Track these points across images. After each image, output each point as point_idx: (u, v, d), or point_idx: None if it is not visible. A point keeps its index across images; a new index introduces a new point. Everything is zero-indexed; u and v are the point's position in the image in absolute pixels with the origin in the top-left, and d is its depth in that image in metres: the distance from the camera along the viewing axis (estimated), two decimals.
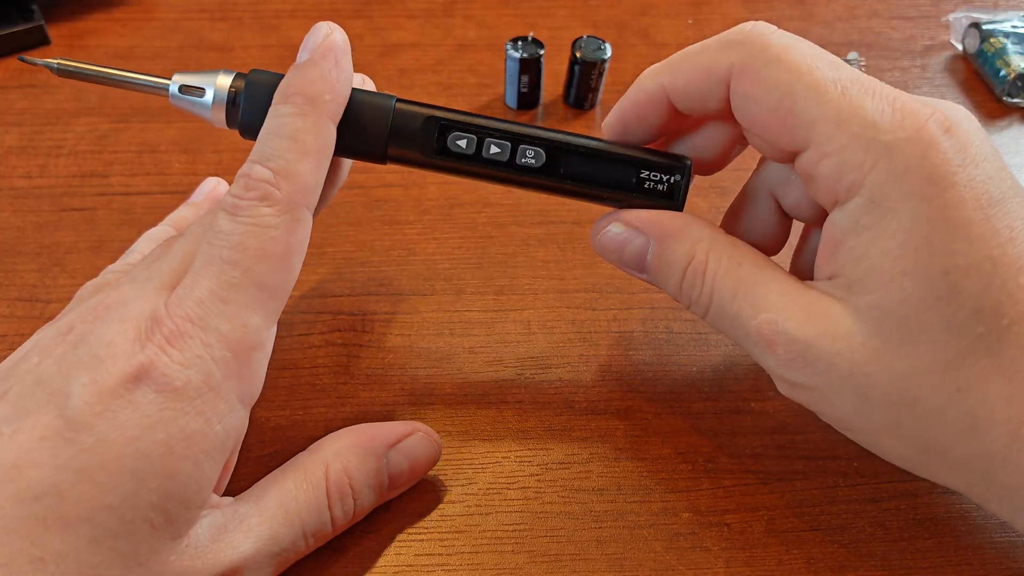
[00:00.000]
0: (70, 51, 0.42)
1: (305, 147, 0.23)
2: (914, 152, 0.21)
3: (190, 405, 0.21)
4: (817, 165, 0.22)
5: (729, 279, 0.24)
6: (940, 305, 0.21)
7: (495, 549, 0.26)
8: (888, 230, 0.21)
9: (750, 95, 0.23)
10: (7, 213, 0.35)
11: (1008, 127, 0.41)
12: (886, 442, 0.23)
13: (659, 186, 0.26)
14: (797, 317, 0.23)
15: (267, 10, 0.45)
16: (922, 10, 0.47)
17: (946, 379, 0.21)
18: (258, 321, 0.22)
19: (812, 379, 0.23)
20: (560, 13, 0.46)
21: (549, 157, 0.26)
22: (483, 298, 0.33)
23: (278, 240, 0.22)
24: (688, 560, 0.26)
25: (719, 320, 0.25)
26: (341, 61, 0.24)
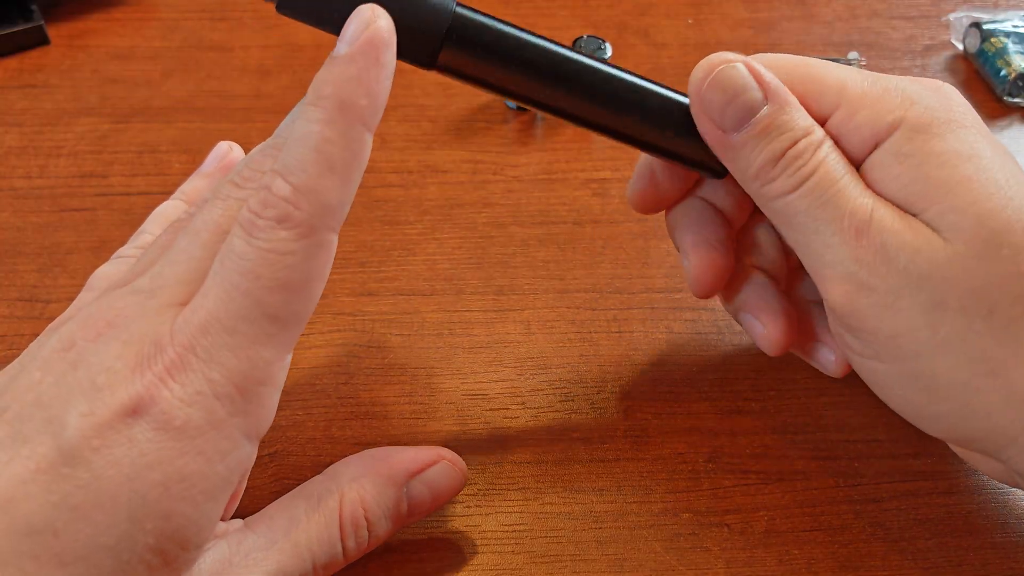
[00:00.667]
0: (70, 51, 0.42)
1: (331, 161, 0.20)
2: (941, 99, 0.23)
3: (190, 444, 0.19)
4: (852, 118, 0.23)
5: (840, 162, 0.23)
6: (1014, 205, 0.21)
7: (495, 549, 0.26)
8: (936, 148, 0.22)
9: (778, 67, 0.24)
10: (7, 213, 0.35)
11: (1008, 127, 0.41)
12: (948, 362, 0.22)
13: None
14: (892, 212, 0.22)
15: (267, 10, 0.45)
16: (922, 10, 0.47)
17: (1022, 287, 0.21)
18: (268, 355, 0.20)
19: (887, 279, 0.22)
20: (560, 13, 0.46)
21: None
22: (483, 298, 0.33)
23: (295, 268, 0.20)
24: (688, 560, 0.26)
25: (812, 194, 0.23)
26: (383, 56, 0.21)
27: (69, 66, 0.41)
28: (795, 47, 0.45)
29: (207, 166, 0.30)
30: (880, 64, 0.44)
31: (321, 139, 0.20)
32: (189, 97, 0.40)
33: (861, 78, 0.24)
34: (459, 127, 0.40)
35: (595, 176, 0.38)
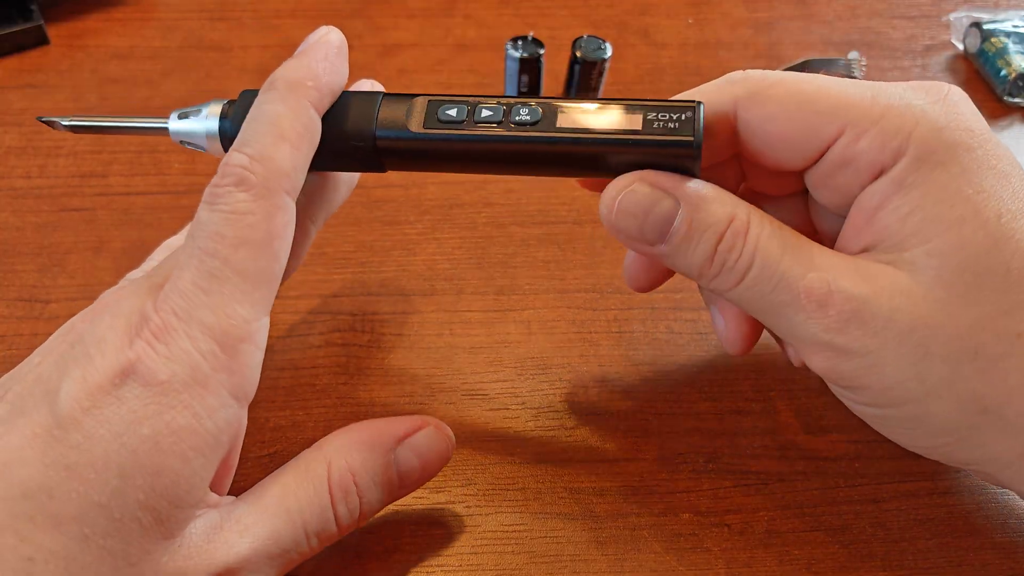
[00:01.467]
0: (69, 51, 0.42)
1: (282, 131, 0.22)
2: (947, 111, 0.22)
3: (176, 399, 0.20)
4: (856, 143, 0.22)
5: (775, 240, 0.23)
6: (998, 249, 0.21)
7: (495, 549, 0.26)
8: (940, 181, 0.21)
9: (767, 114, 0.23)
10: (7, 213, 0.35)
11: (1009, 127, 0.41)
12: (940, 406, 0.22)
13: (670, 123, 0.23)
14: (851, 276, 0.22)
15: (267, 10, 0.45)
16: (923, 10, 0.47)
17: (1009, 325, 0.21)
18: (244, 311, 0.21)
19: (865, 341, 0.22)
20: (560, 13, 0.46)
21: (545, 112, 0.23)
22: (483, 298, 0.33)
23: (256, 226, 0.21)
24: (688, 561, 0.26)
25: (759, 284, 0.23)
26: (330, 56, 0.24)
27: (69, 66, 0.41)
28: (795, 47, 0.45)
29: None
30: (880, 63, 0.44)
31: (272, 113, 0.23)
32: (189, 97, 0.40)
33: (861, 95, 0.23)
34: None
35: None
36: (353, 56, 0.25)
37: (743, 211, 0.23)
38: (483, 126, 0.23)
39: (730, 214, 0.23)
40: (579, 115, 0.23)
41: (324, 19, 0.45)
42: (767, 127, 0.23)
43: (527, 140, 0.23)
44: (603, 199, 0.24)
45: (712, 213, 0.23)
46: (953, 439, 0.22)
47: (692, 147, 0.22)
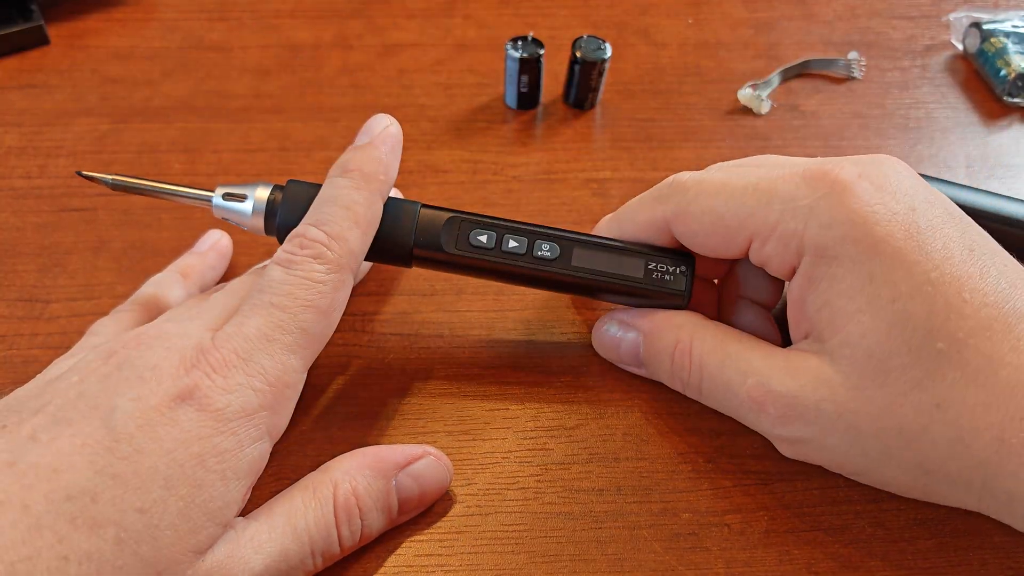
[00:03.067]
0: (70, 51, 0.42)
1: (357, 217, 0.25)
2: (833, 204, 0.24)
3: (226, 426, 0.22)
4: (763, 249, 0.26)
5: (715, 354, 0.27)
6: (896, 331, 0.23)
7: (495, 549, 0.26)
8: (836, 276, 0.24)
9: (689, 231, 0.27)
10: (7, 213, 0.35)
11: (1008, 127, 0.41)
12: (888, 473, 0.24)
13: (666, 276, 0.28)
14: (781, 375, 0.25)
15: (267, 10, 0.45)
16: (923, 10, 0.47)
17: (923, 398, 0.23)
18: (296, 363, 0.24)
19: (805, 430, 0.25)
20: (560, 13, 0.46)
21: (563, 250, 0.28)
22: (483, 298, 0.33)
23: (325, 295, 0.24)
24: (688, 561, 0.26)
25: (712, 394, 0.27)
26: (396, 148, 0.27)
27: (69, 66, 0.41)
28: (795, 47, 0.45)
29: (200, 247, 0.33)
30: (880, 64, 0.44)
31: (349, 200, 0.25)
32: (188, 97, 0.40)
33: (758, 203, 0.25)
34: (459, 127, 0.40)
35: (595, 176, 0.38)
36: (353, 56, 0.25)
37: (686, 334, 0.27)
38: (509, 256, 0.28)
39: (675, 340, 0.28)
40: (592, 256, 0.28)
41: (324, 19, 0.45)
42: (694, 238, 0.27)
43: (546, 272, 0.28)
44: (592, 338, 0.31)
45: (661, 339, 0.28)
46: (919, 491, 0.25)
47: (682, 300, 0.28)
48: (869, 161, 0.25)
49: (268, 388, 0.23)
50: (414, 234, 0.27)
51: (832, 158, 0.26)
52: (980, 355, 0.22)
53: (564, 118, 0.40)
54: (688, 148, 0.39)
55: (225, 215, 0.28)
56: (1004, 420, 0.22)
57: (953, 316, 0.23)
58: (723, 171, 0.27)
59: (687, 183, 0.27)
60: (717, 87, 0.42)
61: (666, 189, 0.28)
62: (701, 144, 0.40)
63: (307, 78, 0.41)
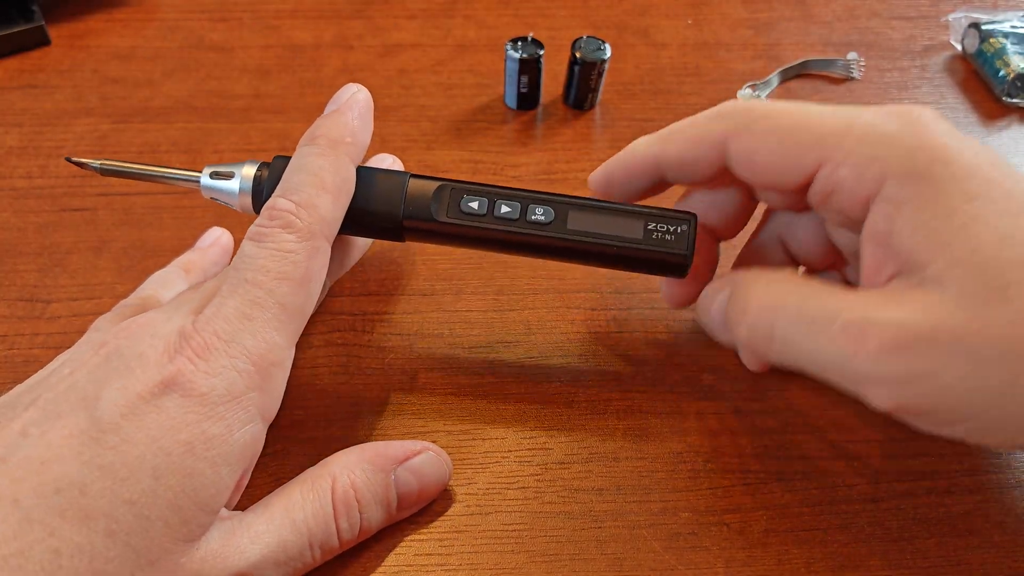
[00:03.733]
0: (70, 51, 0.42)
1: (325, 183, 0.25)
2: (919, 132, 0.23)
3: (213, 411, 0.22)
4: (837, 173, 0.24)
5: (797, 293, 0.24)
6: (1009, 244, 0.21)
7: (495, 549, 0.26)
8: (930, 195, 0.22)
9: (752, 148, 0.25)
10: (7, 213, 0.35)
11: (1008, 127, 0.41)
12: (1010, 408, 0.22)
13: (667, 236, 0.26)
14: (884, 307, 0.22)
15: (267, 10, 0.45)
16: (922, 10, 0.47)
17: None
18: (279, 339, 0.23)
19: (916, 364, 0.21)
20: (560, 13, 0.46)
21: (558, 213, 0.26)
22: (483, 298, 0.33)
23: (298, 264, 0.23)
24: (687, 560, 0.26)
25: (794, 338, 0.24)
26: (363, 113, 0.27)
27: (69, 66, 0.41)
28: (794, 47, 0.45)
29: (202, 243, 0.33)
30: (879, 64, 0.44)
31: (315, 166, 0.25)
32: (189, 97, 0.40)
33: (836, 126, 0.24)
34: (459, 127, 0.40)
35: None
36: (353, 56, 0.25)
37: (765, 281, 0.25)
38: (501, 222, 0.26)
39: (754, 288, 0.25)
40: (588, 218, 0.26)
41: (324, 19, 0.45)
42: (755, 159, 0.25)
43: (540, 237, 0.26)
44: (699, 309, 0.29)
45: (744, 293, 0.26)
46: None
47: (684, 261, 0.26)
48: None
49: (253, 368, 0.22)
50: (403, 205, 0.27)
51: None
52: None
53: (564, 118, 0.40)
54: None
55: (214, 195, 0.27)
56: None
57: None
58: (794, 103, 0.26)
59: (752, 104, 0.26)
60: (717, 87, 0.42)
61: (727, 107, 0.26)
62: None
63: (307, 78, 0.41)
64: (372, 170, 0.27)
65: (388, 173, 0.27)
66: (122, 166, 0.27)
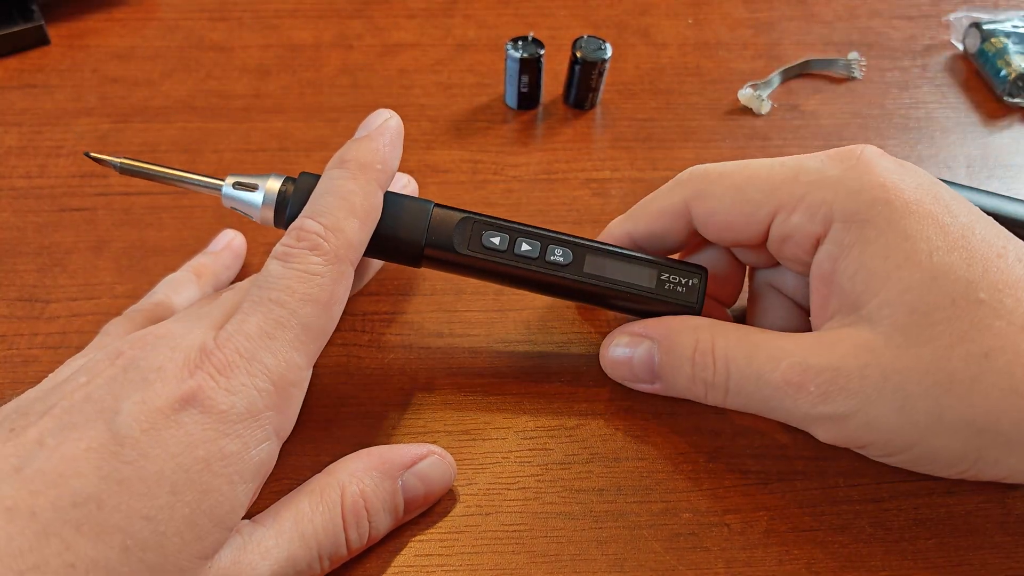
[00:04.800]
0: (70, 51, 0.42)
1: (354, 207, 0.25)
2: (861, 173, 0.24)
3: (231, 428, 0.21)
4: (788, 221, 0.25)
5: (740, 347, 0.26)
6: (937, 284, 0.23)
7: (495, 549, 0.26)
8: (870, 237, 0.24)
9: (711, 209, 0.27)
10: (7, 213, 0.35)
11: (1009, 127, 0.41)
12: (939, 442, 0.23)
13: (679, 287, 0.28)
14: (817, 351, 0.24)
15: (267, 10, 0.45)
16: (923, 10, 0.47)
17: (971, 348, 0.22)
18: (299, 360, 0.23)
19: (849, 403, 0.23)
20: (560, 13, 0.46)
21: (576, 255, 0.27)
22: (483, 298, 0.33)
23: (324, 287, 0.24)
24: (688, 560, 0.26)
25: (741, 389, 0.26)
26: (394, 140, 0.27)
27: (69, 66, 0.41)
28: (795, 47, 0.45)
29: (214, 247, 0.33)
30: (880, 64, 0.44)
31: (346, 191, 0.25)
32: (189, 97, 0.40)
33: (785, 177, 0.26)
34: (459, 127, 0.40)
35: (595, 176, 0.38)
36: (353, 56, 0.25)
37: (706, 332, 0.26)
38: (521, 260, 0.27)
39: (694, 340, 0.26)
40: (604, 263, 0.27)
41: (324, 19, 0.45)
42: (716, 219, 0.27)
43: (558, 278, 0.27)
44: (601, 360, 0.29)
45: (679, 343, 0.27)
46: (970, 464, 0.24)
47: (695, 312, 0.28)
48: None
49: (272, 387, 0.22)
50: (426, 233, 0.27)
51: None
52: (1022, 304, 0.22)
53: (564, 118, 0.40)
54: (688, 148, 0.39)
55: (234, 205, 0.27)
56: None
57: (991, 268, 0.23)
58: (743, 161, 0.27)
59: (707, 168, 0.27)
60: (717, 87, 0.42)
61: (684, 176, 0.28)
62: (701, 144, 0.40)
63: (307, 78, 0.41)
64: (397, 196, 0.27)
65: (413, 200, 0.27)
66: (143, 167, 0.27)
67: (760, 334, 0.26)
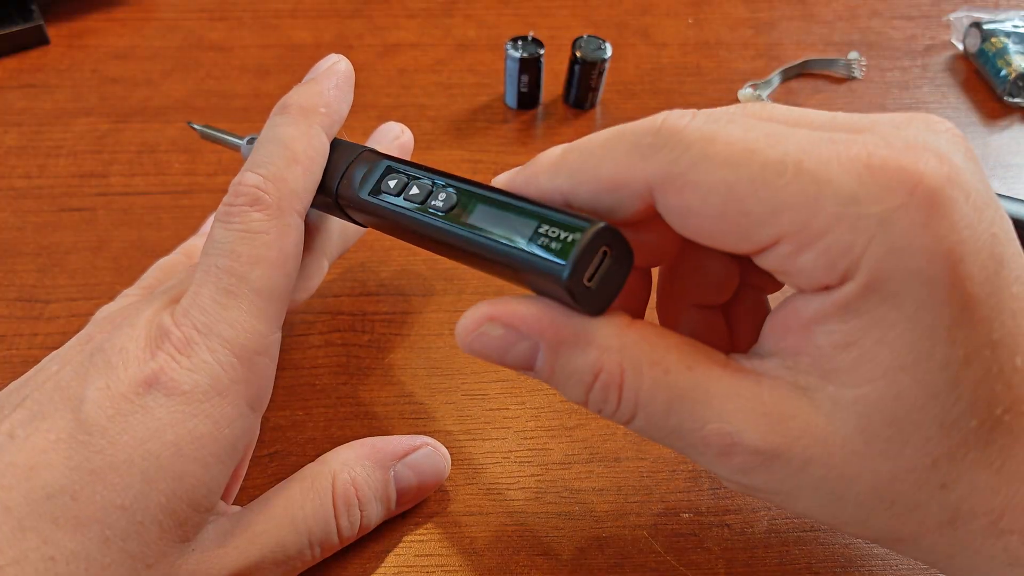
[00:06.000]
0: (69, 51, 0.42)
1: (295, 153, 0.23)
2: (914, 223, 0.17)
3: (198, 408, 0.21)
4: (794, 259, 0.18)
5: (658, 393, 0.19)
6: (935, 402, 0.18)
7: (495, 549, 0.26)
8: (887, 319, 0.17)
9: (684, 207, 0.18)
10: (7, 213, 0.35)
11: (1009, 127, 0.41)
12: (855, 531, 0.20)
13: (552, 243, 0.19)
14: (756, 423, 0.19)
15: (267, 10, 0.45)
16: (923, 10, 0.47)
17: (932, 477, 0.19)
18: (260, 326, 0.22)
19: (775, 485, 0.19)
20: (560, 13, 0.46)
21: (461, 201, 0.21)
22: (483, 298, 0.33)
23: (270, 245, 0.22)
24: (688, 561, 0.26)
25: (649, 433, 0.20)
26: (341, 83, 0.25)
27: (69, 66, 0.41)
28: (795, 47, 0.45)
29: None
30: (880, 64, 0.44)
31: (286, 136, 0.23)
32: (188, 97, 0.40)
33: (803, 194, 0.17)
34: (459, 127, 0.40)
35: None
36: (353, 56, 0.25)
37: (613, 361, 0.19)
38: (399, 204, 0.22)
39: (595, 363, 0.19)
40: (484, 214, 0.21)
41: (324, 19, 0.45)
42: (690, 220, 0.19)
43: (435, 227, 0.22)
44: (456, 334, 0.22)
45: (573, 361, 0.20)
46: (880, 545, 0.22)
47: (561, 280, 0.18)
48: (948, 146, 0.18)
49: (236, 360, 0.21)
50: (339, 177, 0.24)
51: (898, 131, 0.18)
52: (1009, 433, 0.19)
53: (564, 118, 0.40)
54: None
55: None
56: (1005, 506, 0.19)
57: (1000, 387, 0.18)
58: (743, 125, 0.18)
59: (687, 133, 0.19)
60: (717, 87, 0.42)
61: (652, 137, 0.19)
62: None
63: None
64: (338, 142, 0.25)
65: (348, 145, 0.25)
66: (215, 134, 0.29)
67: (684, 371, 0.19)
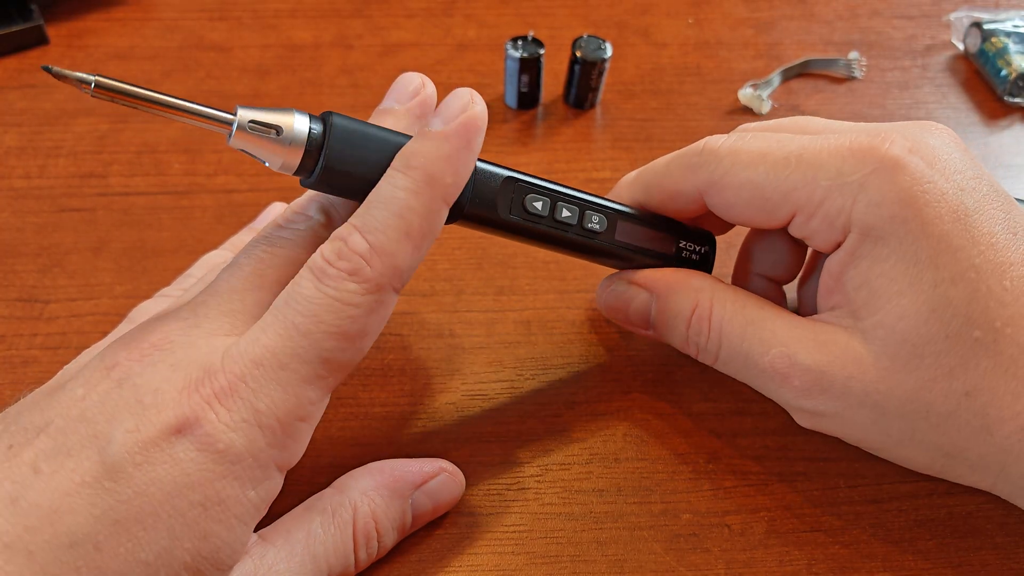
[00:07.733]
0: (69, 51, 0.42)
1: (410, 228, 0.21)
2: (883, 181, 0.23)
3: (229, 469, 0.20)
4: (807, 225, 0.25)
5: (736, 320, 0.26)
6: (935, 317, 0.23)
7: (495, 550, 0.26)
8: (880, 255, 0.23)
9: (725, 203, 0.26)
10: (6, 214, 0.35)
11: (1009, 127, 0.41)
12: (908, 453, 0.25)
13: (693, 256, 0.29)
14: (808, 347, 0.24)
15: (267, 10, 0.45)
16: (923, 9, 0.47)
17: (953, 385, 0.23)
18: (313, 395, 0.21)
19: (830, 404, 0.24)
20: (560, 12, 0.46)
21: (610, 222, 0.27)
22: (483, 298, 0.33)
23: (356, 320, 0.21)
24: (688, 562, 0.26)
25: (730, 362, 0.26)
26: (473, 141, 0.22)
27: (68, 66, 0.41)
28: (795, 47, 0.45)
29: (258, 222, 0.32)
30: (880, 63, 0.44)
31: (405, 206, 0.21)
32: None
33: (804, 178, 0.24)
34: None
35: (595, 176, 0.38)
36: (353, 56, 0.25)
37: (706, 297, 0.26)
38: (561, 225, 0.27)
39: (693, 302, 0.27)
40: (633, 230, 0.28)
41: (324, 19, 0.45)
42: (731, 211, 0.26)
43: (592, 242, 0.27)
44: (597, 297, 0.29)
45: (677, 302, 0.27)
46: (936, 471, 0.25)
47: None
48: (919, 132, 0.24)
49: (277, 425, 0.20)
50: (469, 194, 0.24)
51: (879, 126, 0.25)
52: (1015, 344, 0.22)
53: (564, 118, 0.40)
54: None
55: (247, 147, 0.22)
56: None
57: (993, 303, 0.23)
58: (759, 138, 0.26)
59: (720, 150, 0.26)
60: (717, 87, 0.42)
61: (696, 157, 0.26)
62: None
63: (307, 78, 0.41)
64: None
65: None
66: (122, 87, 0.20)
67: (756, 308, 0.26)
